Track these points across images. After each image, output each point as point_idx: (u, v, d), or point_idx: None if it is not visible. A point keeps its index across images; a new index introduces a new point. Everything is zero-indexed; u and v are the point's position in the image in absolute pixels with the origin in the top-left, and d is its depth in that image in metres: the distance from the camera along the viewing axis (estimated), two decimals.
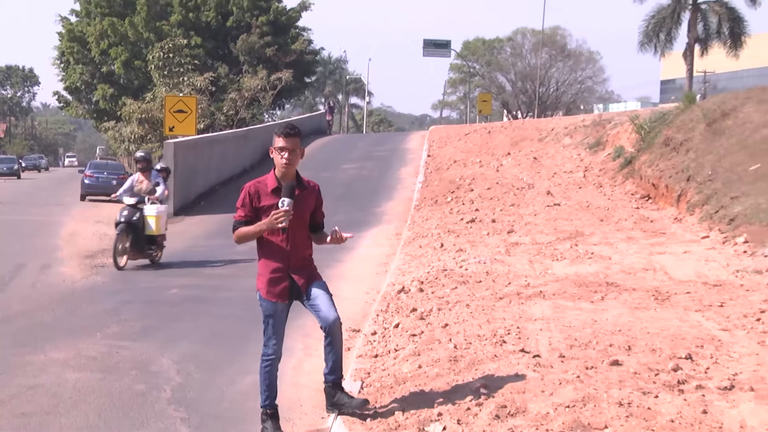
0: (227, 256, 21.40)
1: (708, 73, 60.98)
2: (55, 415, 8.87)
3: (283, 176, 8.06)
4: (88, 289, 17.06)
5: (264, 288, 8.25)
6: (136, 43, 70.22)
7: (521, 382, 8.66)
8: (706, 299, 13.15)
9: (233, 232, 8.30)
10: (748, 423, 7.48)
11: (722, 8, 57.86)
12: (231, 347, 11.94)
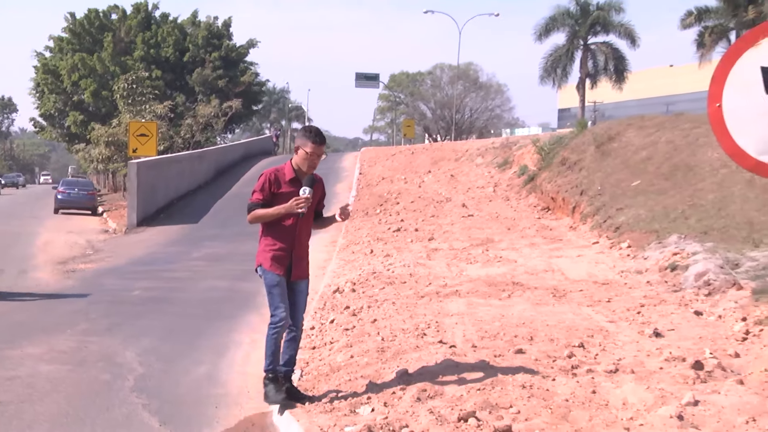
0: (184, 262, 21.31)
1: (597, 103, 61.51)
2: (29, 403, 8.78)
3: (300, 169, 8.06)
4: (61, 291, 16.88)
5: (268, 262, 8.08)
6: (103, 76, 69.51)
7: (439, 369, 8.70)
8: (596, 296, 13.29)
9: (248, 213, 8.23)
10: (629, 400, 7.57)
11: (608, 49, 58.57)
12: (187, 341, 11.86)
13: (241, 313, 14.02)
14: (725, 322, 10.96)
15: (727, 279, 12.72)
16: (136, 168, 33.51)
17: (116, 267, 20.78)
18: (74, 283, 17.98)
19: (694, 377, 8.39)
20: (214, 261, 21.29)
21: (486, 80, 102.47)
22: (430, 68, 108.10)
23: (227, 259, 21.48)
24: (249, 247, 23.30)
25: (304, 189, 7.86)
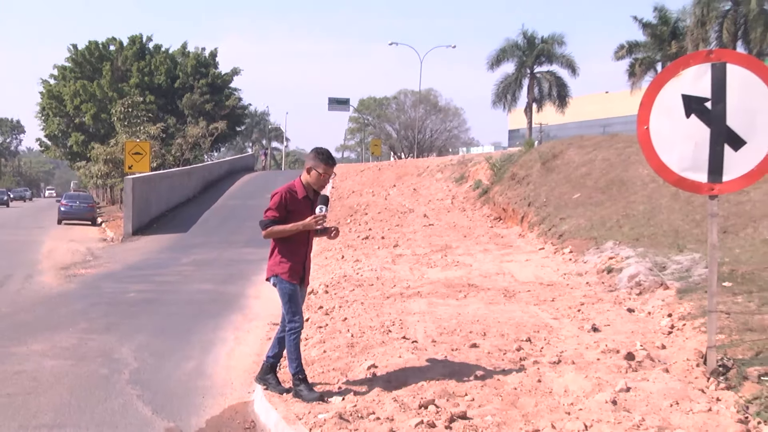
0: (174, 267, 21.18)
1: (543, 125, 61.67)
2: (35, 394, 8.71)
3: (309, 188, 8.05)
4: (63, 294, 16.75)
5: (287, 273, 7.94)
6: (102, 100, 69.13)
7: (402, 362, 8.70)
8: (541, 296, 13.34)
9: (264, 229, 8.05)
10: (570, 388, 7.62)
11: (552, 77, 58.90)
12: (177, 338, 11.78)
13: (225, 313, 13.96)
14: (653, 317, 11.05)
15: (655, 280, 12.82)
16: (131, 183, 33.32)
17: (113, 272, 20.63)
18: (75, 287, 17.84)
19: (627, 367, 8.46)
20: (202, 266, 21.19)
21: (444, 104, 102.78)
22: (395, 93, 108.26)
23: (213, 265, 21.40)
24: (232, 254, 23.35)
25: (320, 207, 7.83)
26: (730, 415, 6.75)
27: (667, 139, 8.13)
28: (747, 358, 7.94)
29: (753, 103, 7.82)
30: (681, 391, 7.37)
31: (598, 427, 6.52)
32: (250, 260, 21.95)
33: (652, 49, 50.11)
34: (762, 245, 14.31)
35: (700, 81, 7.93)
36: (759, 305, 9.94)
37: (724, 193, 8.34)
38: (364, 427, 6.69)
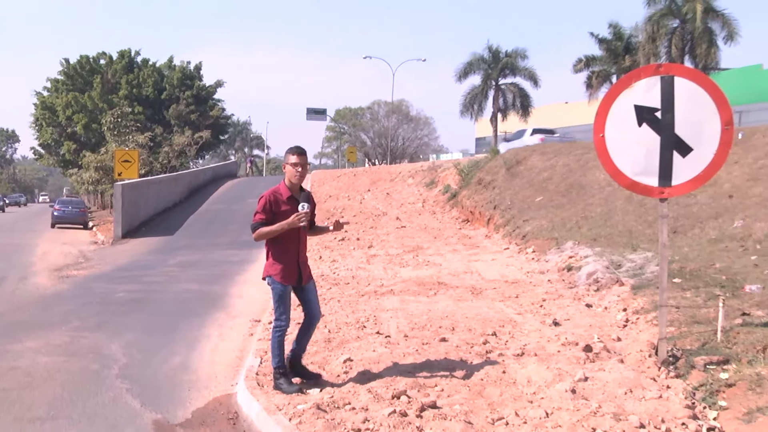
0: (161, 268, 21.09)
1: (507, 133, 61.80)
2: (29, 389, 8.67)
3: (293, 186, 7.82)
4: (56, 294, 16.64)
5: (279, 274, 7.82)
6: (93, 111, 68.75)
7: (376, 355, 8.72)
8: (506, 293, 13.39)
9: (253, 232, 7.91)
10: (532, 378, 7.67)
11: (515, 88, 59.08)
12: (164, 336, 11.73)
13: (210, 311, 13.91)
14: (610, 312, 11.12)
15: (611, 277, 12.90)
16: (120, 189, 33.15)
17: (104, 273, 20.51)
18: (68, 287, 17.73)
19: (585, 358, 8.52)
20: (187, 267, 21.11)
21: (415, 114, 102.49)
22: (369, 104, 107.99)
23: (198, 266, 21.32)
24: (216, 256, 23.28)
25: (302, 205, 7.66)
26: (678, 401, 6.83)
27: (621, 146, 8.21)
28: (694, 349, 8.01)
29: (699, 113, 7.93)
30: (634, 380, 7.44)
31: (558, 415, 6.58)
32: (233, 261, 21.89)
33: (607, 62, 50.44)
34: (708, 244, 14.43)
35: (651, 92, 8.02)
36: (705, 300, 10.03)
37: (673, 196, 8.42)
38: (340, 417, 6.71)
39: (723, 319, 8.37)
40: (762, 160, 18.14)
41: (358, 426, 6.45)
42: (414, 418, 6.60)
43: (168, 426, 7.36)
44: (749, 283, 10.59)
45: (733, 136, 8.56)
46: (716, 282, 11.01)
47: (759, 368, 7.06)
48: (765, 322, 8.49)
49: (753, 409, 6.32)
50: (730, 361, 7.47)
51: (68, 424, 7.37)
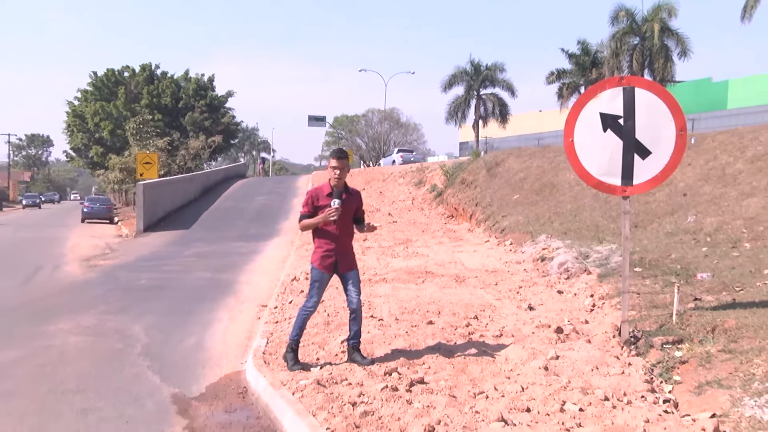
0: (178, 258, 21.08)
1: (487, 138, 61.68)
2: (62, 365, 8.69)
3: (335, 185, 7.64)
4: (85, 281, 16.63)
5: (318, 261, 7.79)
6: (118, 118, 68.76)
7: (370, 336, 8.74)
8: (487, 280, 13.42)
9: (299, 222, 7.93)
10: (510, 357, 7.70)
11: (495, 98, 59.00)
12: (181, 318, 11.73)
13: (221, 297, 13.91)
14: (578, 298, 11.16)
15: (580, 267, 12.93)
16: (142, 188, 33.09)
17: (127, 263, 20.50)
18: (96, 275, 17.72)
19: (556, 339, 8.56)
20: (201, 258, 21.10)
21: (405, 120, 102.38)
22: (364, 112, 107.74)
23: (211, 257, 21.31)
24: (227, 248, 23.25)
25: (334, 201, 7.56)
26: (639, 376, 6.88)
27: (588, 149, 8.24)
28: (653, 330, 8.06)
29: (656, 120, 7.99)
30: (600, 358, 7.49)
31: (532, 389, 6.61)
32: (242, 252, 21.88)
33: (576, 75, 50.48)
34: (665, 237, 14.48)
35: (614, 102, 8.07)
36: (662, 287, 10.07)
37: (634, 194, 8.46)
38: (338, 392, 6.73)
39: (678, 303, 8.43)
40: (711, 162, 18.20)
41: (354, 399, 6.47)
42: (404, 392, 6.63)
43: (184, 399, 7.38)
44: (700, 271, 10.65)
45: (687, 141, 8.62)
46: (672, 271, 11.06)
47: (708, 347, 7.13)
48: (714, 307, 8.55)
49: (703, 383, 6.38)
50: (683, 341, 7.54)
51: (96, 397, 7.38)
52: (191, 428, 6.47)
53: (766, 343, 6.83)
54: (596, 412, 5.97)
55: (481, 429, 5.68)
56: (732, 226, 14.01)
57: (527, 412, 6.07)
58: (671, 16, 44.09)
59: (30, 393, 7.57)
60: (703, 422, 5.45)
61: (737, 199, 15.51)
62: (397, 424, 5.86)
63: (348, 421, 5.90)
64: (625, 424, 5.56)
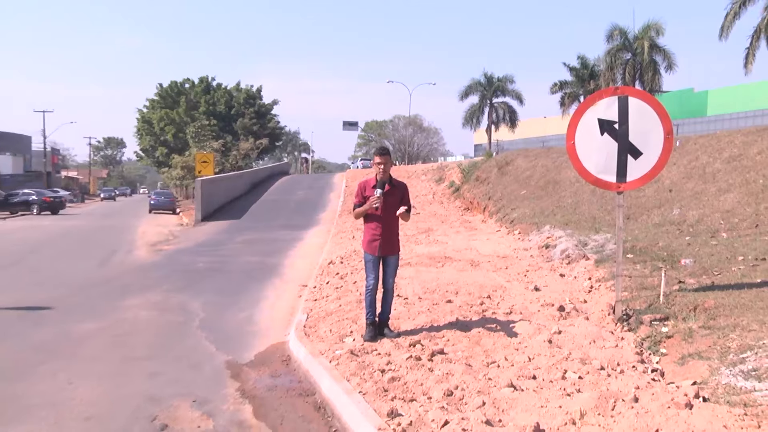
0: (230, 244, 21.20)
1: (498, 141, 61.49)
2: (133, 335, 8.80)
3: (380, 178, 7.56)
4: (152, 263, 16.79)
5: (365, 244, 7.77)
6: (179, 123, 69.27)
7: (396, 313, 8.73)
8: (498, 265, 13.37)
9: (353, 211, 7.92)
10: (518, 331, 7.67)
11: (505, 106, 58.86)
12: (233, 296, 11.82)
13: (268, 278, 13.99)
14: (578, 280, 11.09)
15: (579, 253, 12.85)
16: (200, 183, 33.30)
17: (187, 248, 20.66)
18: (161, 258, 17.90)
19: (559, 316, 8.52)
20: (250, 244, 21.21)
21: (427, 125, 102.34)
22: (391, 117, 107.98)
23: (258, 243, 21.42)
24: (273, 236, 23.35)
25: (376, 191, 7.53)
26: (630, 349, 6.84)
27: (587, 150, 8.19)
28: (643, 309, 8.00)
29: (646, 125, 7.95)
30: (597, 333, 7.45)
31: (538, 359, 6.59)
32: (286, 239, 21.97)
33: (576, 85, 50.23)
34: (653, 228, 14.38)
35: (610, 109, 8.01)
36: (651, 271, 9.99)
37: (627, 190, 8.40)
38: (369, 360, 6.75)
39: (664, 286, 8.38)
40: (693, 162, 18.05)
41: (383, 367, 6.49)
42: (426, 361, 6.63)
43: (237, 365, 7.44)
44: (684, 257, 10.56)
45: (673, 144, 8.56)
46: (659, 257, 10.96)
47: (690, 324, 7.11)
48: (695, 288, 8.48)
49: (685, 355, 6.37)
50: (669, 318, 7.50)
51: (161, 363, 7.47)
52: (242, 390, 6.53)
53: (741, 320, 6.81)
54: (593, 379, 5.95)
55: (493, 393, 5.68)
56: (711, 218, 13.90)
57: (533, 379, 6.06)
58: (659, 34, 44.16)
59: (108, 358, 7.69)
60: (685, 389, 5.42)
61: (715, 194, 15.37)
62: (420, 388, 5.88)
63: (377, 385, 5.93)
64: (619, 390, 5.54)
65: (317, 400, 6.18)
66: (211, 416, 5.77)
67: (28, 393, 6.44)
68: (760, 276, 8.74)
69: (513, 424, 4.94)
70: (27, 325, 9.40)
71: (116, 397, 6.28)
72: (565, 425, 4.88)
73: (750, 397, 5.01)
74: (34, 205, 41.95)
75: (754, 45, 33.23)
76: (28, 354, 7.85)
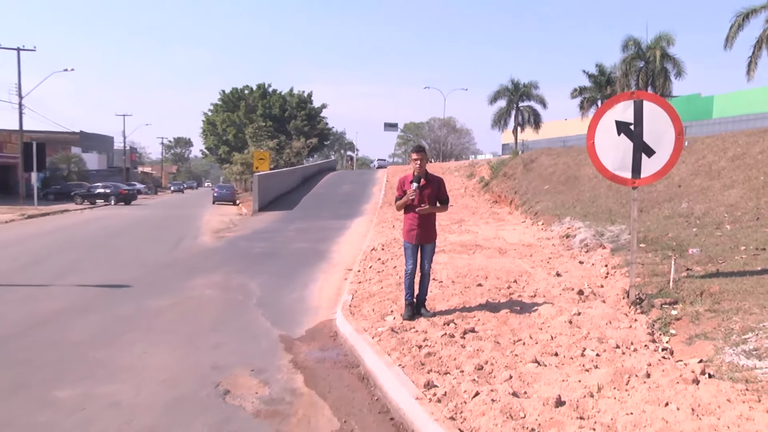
0: (283, 232, 21.35)
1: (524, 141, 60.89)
2: (199, 311, 8.93)
3: (417, 173, 7.53)
4: (215, 248, 16.98)
5: (404, 233, 7.73)
6: (239, 125, 69.93)
7: (432, 295, 8.71)
8: (523, 252, 13.28)
9: (395, 203, 7.88)
10: (542, 312, 7.62)
11: (530, 109, 58.24)
12: (286, 278, 11.92)
13: (317, 263, 14.08)
14: (596, 267, 10.96)
15: (597, 242, 12.70)
16: (257, 178, 33.58)
17: (246, 235, 20.85)
18: (223, 244, 18.10)
19: (578, 299, 8.44)
20: (301, 232, 21.35)
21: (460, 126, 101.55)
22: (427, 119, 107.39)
23: (309, 231, 21.55)
24: (321, 224, 23.49)
25: (412, 184, 7.52)
26: (643, 330, 6.75)
27: (605, 149, 8.09)
28: (654, 293, 7.89)
29: (659, 126, 7.84)
30: (612, 315, 7.36)
31: (559, 338, 6.55)
32: (333, 228, 22.08)
33: (594, 91, 49.62)
34: (663, 220, 14.13)
35: (627, 111, 7.90)
36: (661, 259, 9.83)
37: (641, 185, 8.28)
38: (408, 337, 6.77)
39: (674, 272, 8.26)
40: (700, 160, 17.74)
41: (420, 343, 6.50)
42: (459, 339, 6.63)
43: (290, 339, 7.51)
44: (691, 247, 10.38)
45: (683, 144, 8.42)
46: (669, 247, 10.79)
47: (697, 307, 7.01)
48: (702, 275, 8.33)
49: (693, 335, 6.30)
50: (678, 302, 7.39)
51: (224, 335, 7.59)
52: (295, 362, 6.60)
53: (743, 304, 6.72)
54: (609, 357, 5.89)
55: (519, 368, 5.66)
56: (716, 211, 13.64)
57: (555, 356, 6.02)
58: (669, 44, 43.65)
59: (178, 330, 7.84)
60: (692, 366, 5.38)
61: (720, 190, 15.08)
62: (453, 362, 5.88)
63: (415, 359, 5.94)
64: (632, 367, 5.48)
65: (361, 371, 6.22)
66: (267, 384, 5.85)
67: (113, 358, 6.62)
68: (761, 264, 8.58)
69: (537, 396, 4.92)
70: (111, 301, 9.64)
71: (185, 365, 6.40)
72: (584, 398, 4.85)
73: (751, 374, 5.00)
74: (111, 196, 43.88)
75: (756, 54, 33.01)
76: (112, 325, 8.05)
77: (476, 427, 4.40)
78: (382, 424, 4.95)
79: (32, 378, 5.99)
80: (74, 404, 5.30)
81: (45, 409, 5.22)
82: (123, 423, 4.91)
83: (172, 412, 5.14)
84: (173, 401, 5.38)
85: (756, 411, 4.33)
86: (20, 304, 9.35)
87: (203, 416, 5.05)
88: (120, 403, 5.33)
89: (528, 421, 4.48)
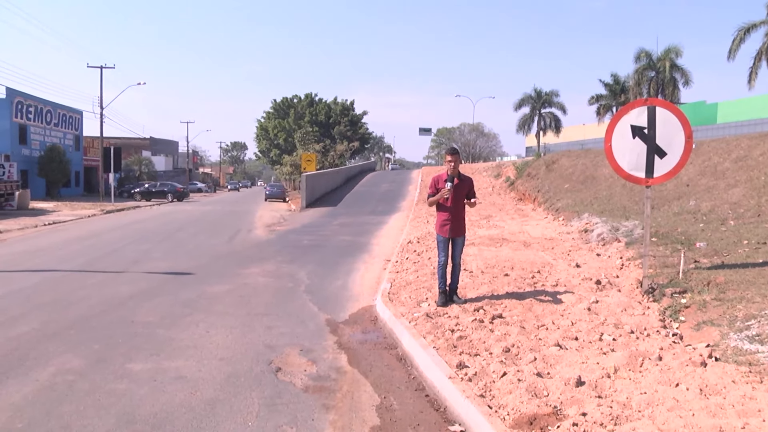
0: (328, 226, 21.47)
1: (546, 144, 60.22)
2: (254, 296, 9.03)
3: (451, 173, 7.47)
4: (267, 240, 17.15)
5: (437, 228, 7.67)
6: (289, 130, 70.68)
7: (463, 284, 8.67)
8: (546, 246, 13.13)
9: (427, 200, 7.82)
10: (563, 300, 7.56)
11: (551, 115, 57.72)
12: (331, 267, 11.99)
13: (359, 254, 14.14)
14: (612, 259, 10.79)
15: (612, 236, 12.51)
16: (305, 178, 33.85)
17: (294, 228, 21.02)
18: (274, 237, 18.26)
19: (596, 288, 8.34)
20: (344, 226, 21.44)
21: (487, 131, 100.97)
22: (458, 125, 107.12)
23: (351, 226, 21.65)
24: (362, 219, 23.56)
25: (447, 183, 7.45)
26: (655, 317, 6.67)
27: (621, 151, 7.97)
28: (665, 283, 7.76)
29: (671, 130, 7.74)
30: (627, 303, 7.26)
31: (579, 324, 6.48)
32: (373, 223, 22.15)
33: (610, 98, 49.11)
34: (673, 216, 13.90)
35: (641, 117, 7.79)
36: (671, 252, 9.65)
37: (654, 184, 8.16)
38: (441, 322, 6.77)
39: (683, 264, 8.14)
40: (706, 162, 17.44)
41: (452, 327, 6.50)
42: (488, 324, 6.61)
43: (334, 322, 7.57)
44: (699, 241, 10.22)
45: (692, 146, 8.29)
46: (678, 241, 10.60)
47: (704, 296, 6.91)
48: (708, 267, 8.19)
49: (700, 322, 6.20)
50: (687, 291, 7.27)
51: (276, 318, 7.68)
52: (339, 343, 6.65)
53: (746, 293, 6.62)
54: (625, 341, 5.82)
55: (542, 351, 5.62)
56: (721, 208, 13.40)
57: (575, 340, 5.97)
58: (678, 56, 43.45)
59: (235, 313, 7.95)
60: (700, 350, 5.33)
61: (725, 189, 14.81)
62: (483, 345, 5.87)
63: (448, 342, 5.95)
64: (646, 350, 5.42)
65: (399, 352, 6.24)
66: (315, 362, 5.91)
67: (179, 336, 6.76)
68: (762, 257, 8.42)
69: (559, 376, 4.89)
70: (177, 286, 9.83)
71: (242, 344, 6.50)
72: (602, 378, 4.81)
73: (754, 358, 4.96)
74: (169, 194, 45.73)
75: (756, 65, 32.69)
76: (177, 308, 8.21)
77: (504, 404, 4.40)
78: (418, 400, 4.97)
79: (111, 353, 6.16)
80: (147, 376, 5.44)
81: (122, 379, 5.37)
82: (188, 394, 5.02)
83: (230, 386, 5.23)
84: (231, 376, 5.47)
85: (758, 391, 4.30)
86: (100, 288, 9.62)
87: (258, 390, 5.13)
88: (185, 376, 5.44)
89: (551, 399, 4.46)
